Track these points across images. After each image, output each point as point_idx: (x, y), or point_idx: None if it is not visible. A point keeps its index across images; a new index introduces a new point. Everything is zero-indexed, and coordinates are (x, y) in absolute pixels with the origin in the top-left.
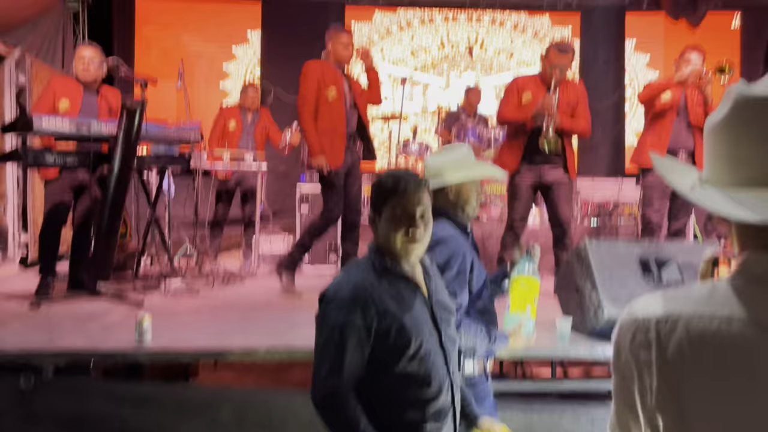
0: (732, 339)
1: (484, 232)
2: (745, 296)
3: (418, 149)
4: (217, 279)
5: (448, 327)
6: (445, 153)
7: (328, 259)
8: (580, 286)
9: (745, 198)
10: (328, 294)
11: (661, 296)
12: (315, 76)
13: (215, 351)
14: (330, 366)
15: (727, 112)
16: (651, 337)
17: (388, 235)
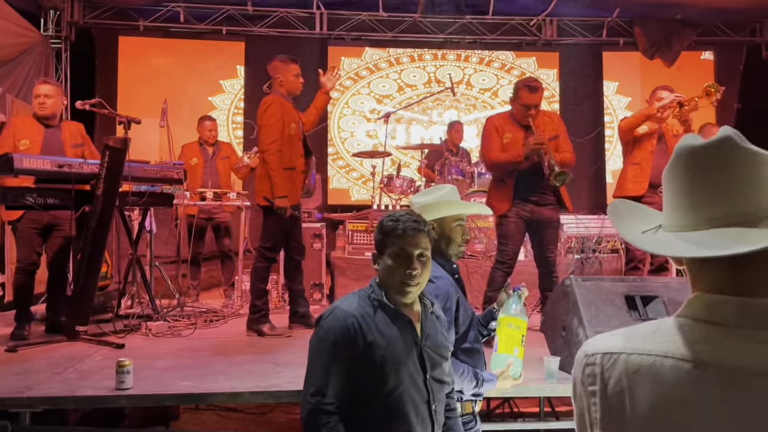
0: (665, 375)
1: (469, 267)
2: (685, 334)
3: (402, 184)
4: (198, 319)
5: (437, 368)
6: (429, 192)
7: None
8: (567, 323)
9: (690, 238)
10: (323, 319)
11: (612, 333)
12: (279, 111)
13: (198, 395)
14: (317, 387)
15: (671, 163)
16: (596, 371)
17: (388, 274)
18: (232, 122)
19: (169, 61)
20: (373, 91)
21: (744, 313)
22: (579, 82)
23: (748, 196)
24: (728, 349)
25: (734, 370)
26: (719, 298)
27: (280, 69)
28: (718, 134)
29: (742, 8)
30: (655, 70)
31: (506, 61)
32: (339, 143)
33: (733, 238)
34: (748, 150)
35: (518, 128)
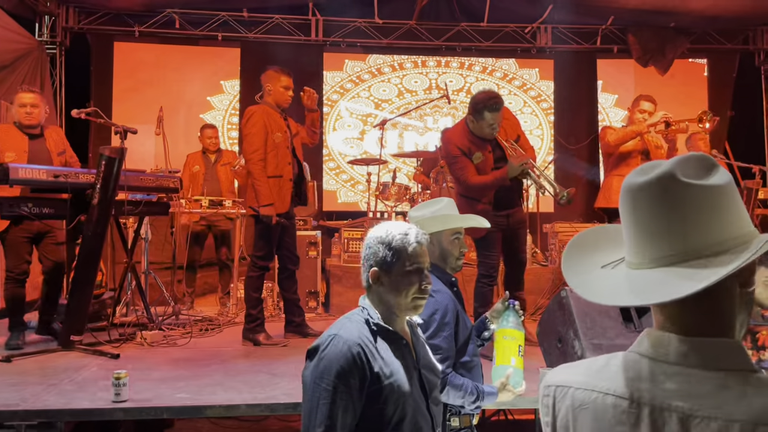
0: (605, 412)
1: (466, 275)
2: (630, 371)
3: (398, 192)
4: (194, 327)
5: (435, 390)
6: (426, 206)
7: (308, 307)
8: (563, 335)
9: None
10: (321, 350)
11: (570, 365)
12: (262, 120)
13: (194, 407)
14: (325, 428)
15: (621, 197)
16: (549, 402)
17: (399, 292)
18: (228, 123)
19: (165, 67)
20: (372, 96)
21: (682, 352)
22: (573, 89)
23: (687, 234)
24: (664, 389)
25: (665, 410)
26: (663, 336)
27: (270, 79)
28: (659, 170)
29: (735, 16)
30: (648, 77)
31: (508, 71)
32: (334, 150)
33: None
34: (688, 185)
35: (485, 144)
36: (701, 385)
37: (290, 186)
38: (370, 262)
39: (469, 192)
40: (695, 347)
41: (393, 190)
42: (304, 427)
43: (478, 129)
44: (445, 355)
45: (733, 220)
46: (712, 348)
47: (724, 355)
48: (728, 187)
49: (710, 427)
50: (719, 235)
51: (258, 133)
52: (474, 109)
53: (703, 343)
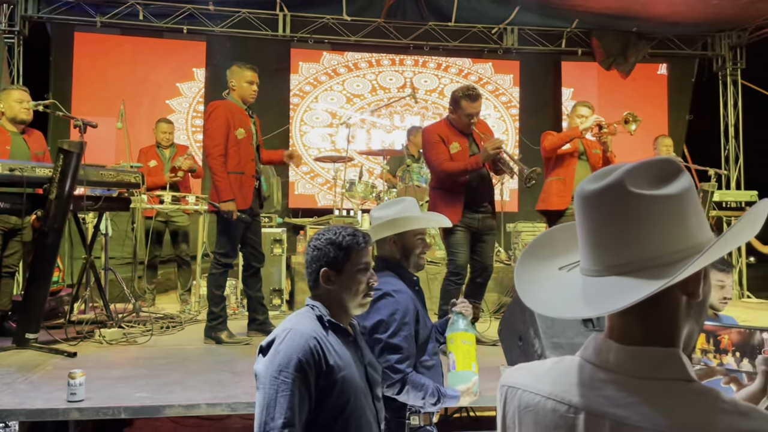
0: (545, 416)
1: (429, 273)
2: (573, 376)
3: (364, 190)
4: (155, 325)
5: (378, 386)
6: (389, 206)
7: (272, 304)
8: (523, 333)
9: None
10: (278, 343)
11: (523, 366)
12: (224, 115)
13: (153, 406)
14: (284, 420)
15: (575, 203)
16: (501, 401)
17: (351, 290)
18: (191, 125)
19: (128, 60)
20: (335, 95)
21: (621, 360)
22: (538, 91)
23: (631, 245)
24: (600, 395)
25: (599, 416)
26: (605, 343)
27: (234, 74)
28: (609, 179)
29: (694, 23)
30: (611, 80)
31: (463, 67)
32: (301, 147)
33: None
34: (636, 195)
35: (462, 137)
36: (635, 394)
37: (253, 182)
38: (320, 263)
39: (443, 180)
40: (633, 356)
41: (359, 188)
42: (260, 421)
43: (457, 120)
44: (405, 355)
45: (684, 230)
46: (650, 357)
47: (661, 364)
48: (682, 196)
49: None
50: (667, 246)
51: (219, 128)
52: (453, 100)
53: (642, 352)
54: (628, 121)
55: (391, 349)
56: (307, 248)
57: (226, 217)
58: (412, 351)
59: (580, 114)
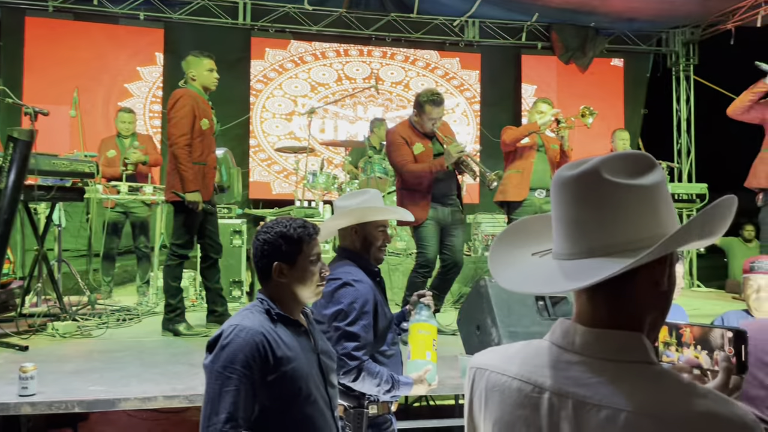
0: (511, 395)
1: (390, 264)
2: (540, 357)
3: (326, 181)
4: (111, 318)
5: (332, 374)
6: (353, 196)
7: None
8: (481, 322)
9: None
10: (224, 339)
11: (492, 349)
12: (190, 104)
13: (107, 400)
14: (228, 414)
15: (551, 188)
16: (470, 382)
17: (305, 281)
18: (149, 111)
19: (82, 46)
20: (298, 84)
21: (586, 342)
22: (499, 84)
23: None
24: (564, 376)
25: (562, 396)
26: (571, 326)
27: (192, 64)
28: (586, 165)
29: (650, 19)
30: (569, 74)
31: (430, 60)
32: (261, 136)
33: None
34: (610, 182)
35: (425, 139)
36: (598, 375)
37: (214, 174)
38: (272, 257)
39: (407, 179)
40: (598, 338)
41: (321, 179)
42: (205, 415)
43: (420, 123)
44: (362, 343)
45: (654, 219)
46: (614, 340)
47: (624, 347)
48: (654, 187)
49: (599, 414)
50: (637, 232)
51: (185, 117)
52: (417, 103)
53: (607, 334)
54: (585, 114)
55: (349, 336)
56: (255, 241)
57: (191, 207)
58: (369, 339)
59: (540, 110)
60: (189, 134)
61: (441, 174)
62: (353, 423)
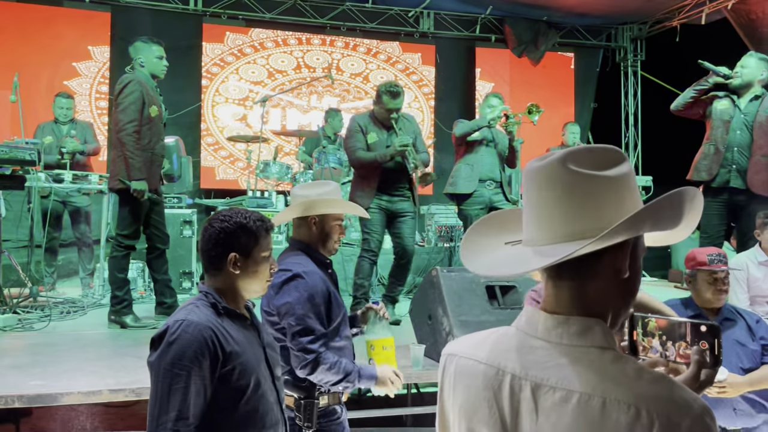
0: (476, 377)
1: (345, 255)
2: (506, 342)
3: (279, 171)
4: (54, 311)
5: (278, 367)
6: (313, 186)
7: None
8: (433, 312)
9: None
10: (170, 334)
11: (466, 337)
12: (139, 90)
13: (49, 394)
14: (177, 413)
15: (522, 178)
16: (441, 368)
17: (257, 276)
18: (96, 92)
19: (24, 29)
20: (249, 74)
21: (548, 328)
22: (453, 75)
23: (571, 217)
24: (526, 360)
25: (522, 378)
26: (536, 312)
27: (141, 50)
28: (553, 156)
29: (600, 14)
30: (522, 67)
31: (392, 54)
32: (213, 126)
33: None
34: (575, 172)
35: (381, 129)
36: (556, 359)
37: (161, 162)
38: (228, 247)
39: (354, 166)
40: (559, 324)
41: (274, 170)
42: (153, 415)
43: (380, 114)
44: (317, 335)
45: (618, 209)
46: (573, 325)
47: (583, 332)
48: (620, 179)
49: (554, 396)
50: (601, 221)
51: (134, 102)
52: (377, 94)
53: (567, 320)
54: (532, 111)
55: (302, 330)
56: (208, 228)
57: (137, 196)
58: (322, 331)
59: (490, 104)
60: (137, 121)
61: (392, 164)
62: (303, 414)
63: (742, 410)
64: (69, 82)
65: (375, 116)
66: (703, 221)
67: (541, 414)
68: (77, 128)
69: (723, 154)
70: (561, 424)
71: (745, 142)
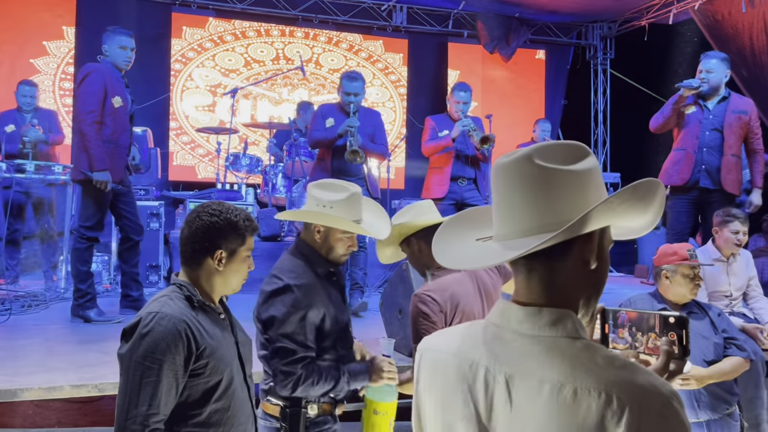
0: (449, 372)
1: None
2: (477, 336)
3: (249, 164)
4: (14, 304)
5: (249, 363)
6: (328, 189)
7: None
8: (403, 306)
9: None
10: (143, 327)
11: (441, 332)
12: (100, 80)
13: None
14: (147, 407)
15: (491, 176)
16: (417, 364)
17: (237, 274)
18: (59, 89)
19: None
20: (219, 65)
21: (519, 319)
22: (425, 70)
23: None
24: (499, 352)
25: (496, 370)
26: (508, 305)
27: (107, 39)
28: (520, 152)
29: (570, 12)
30: (494, 63)
31: (354, 43)
32: (182, 117)
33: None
34: (541, 167)
35: (341, 115)
36: (528, 350)
37: (125, 153)
38: (215, 241)
39: (311, 144)
40: (530, 315)
41: (244, 162)
42: (122, 408)
43: (342, 100)
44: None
45: (583, 202)
46: (544, 316)
47: (554, 323)
48: (585, 173)
49: (527, 386)
50: (566, 213)
51: (95, 93)
52: (339, 79)
53: (538, 312)
54: (486, 141)
55: (283, 350)
56: (196, 221)
57: (99, 187)
58: (306, 352)
59: (458, 98)
60: (98, 111)
61: (341, 151)
62: (290, 424)
63: (705, 402)
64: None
65: (338, 105)
66: (672, 218)
67: (515, 404)
68: (40, 117)
69: (694, 158)
70: (535, 414)
71: (715, 142)
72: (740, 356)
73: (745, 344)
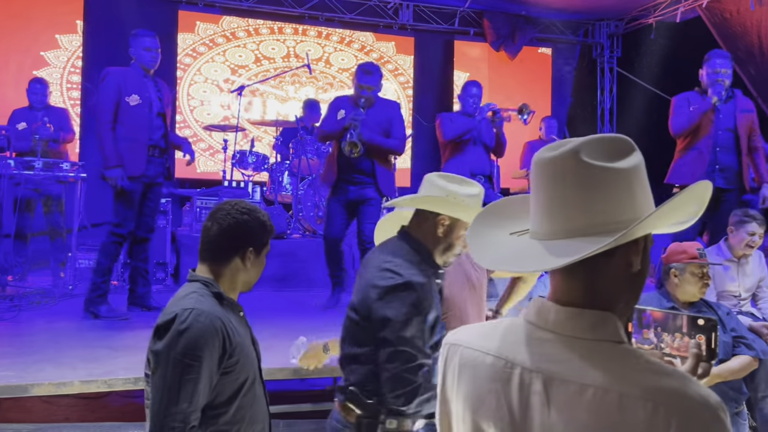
0: (483, 368)
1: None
2: (512, 335)
3: (256, 161)
4: (23, 300)
5: (261, 362)
6: (458, 181)
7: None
8: None
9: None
10: (180, 323)
11: (468, 326)
12: (115, 82)
13: (17, 386)
14: (188, 404)
15: (531, 170)
16: (443, 358)
17: (259, 271)
18: (67, 82)
19: None
20: (229, 60)
21: (559, 320)
22: (432, 69)
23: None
24: (536, 352)
25: (533, 371)
26: (546, 304)
27: (132, 43)
28: (566, 147)
29: (577, 11)
30: (500, 61)
31: (366, 43)
32: (188, 112)
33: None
34: (588, 164)
35: (353, 108)
36: (568, 352)
37: (144, 149)
38: (246, 240)
39: (319, 137)
40: (571, 316)
41: (250, 160)
42: (162, 404)
43: (355, 92)
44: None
45: (630, 202)
46: (586, 318)
47: (595, 325)
48: (632, 171)
49: (568, 390)
50: (613, 215)
51: (109, 94)
52: (354, 71)
53: (579, 313)
54: (522, 111)
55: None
56: (227, 218)
57: (110, 184)
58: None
59: (471, 93)
60: (110, 111)
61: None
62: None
63: None
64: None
65: (352, 98)
66: None
67: (554, 408)
68: (51, 115)
69: (708, 158)
70: (575, 419)
71: (728, 142)
72: (749, 355)
73: (754, 343)
